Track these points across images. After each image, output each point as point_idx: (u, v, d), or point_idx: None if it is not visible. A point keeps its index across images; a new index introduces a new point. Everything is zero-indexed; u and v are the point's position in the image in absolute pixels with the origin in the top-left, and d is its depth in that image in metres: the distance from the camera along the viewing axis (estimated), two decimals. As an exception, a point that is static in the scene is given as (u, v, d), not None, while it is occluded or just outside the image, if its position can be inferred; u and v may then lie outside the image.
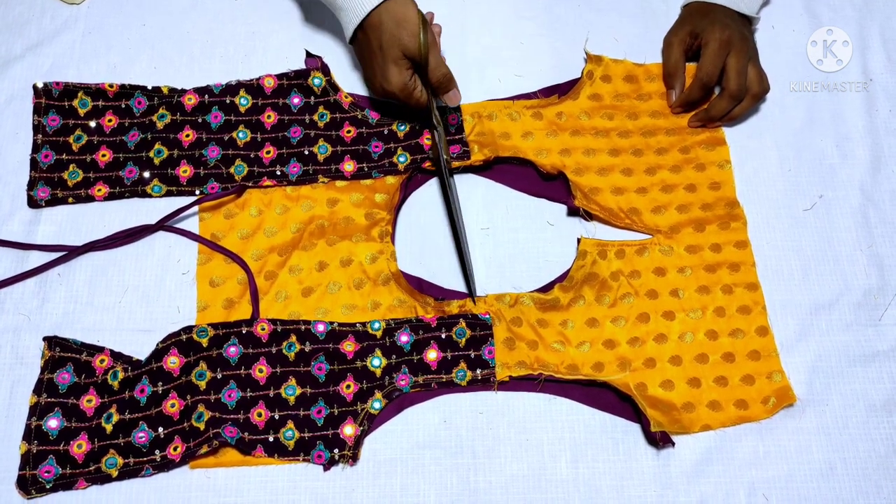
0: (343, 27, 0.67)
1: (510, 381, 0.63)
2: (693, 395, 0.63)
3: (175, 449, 0.59)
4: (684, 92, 0.72)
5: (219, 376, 0.61)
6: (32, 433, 0.59)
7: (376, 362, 0.63)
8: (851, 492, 0.60)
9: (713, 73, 0.70)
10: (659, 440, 0.60)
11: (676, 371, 0.63)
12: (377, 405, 0.61)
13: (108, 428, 0.60)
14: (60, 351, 0.62)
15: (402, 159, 0.70)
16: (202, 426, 0.59)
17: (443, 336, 0.64)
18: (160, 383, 0.61)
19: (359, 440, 0.60)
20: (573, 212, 0.69)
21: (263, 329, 0.63)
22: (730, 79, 0.70)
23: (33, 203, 0.68)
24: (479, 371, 0.63)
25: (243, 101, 0.71)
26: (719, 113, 0.71)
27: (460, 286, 0.67)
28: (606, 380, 0.62)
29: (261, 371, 0.62)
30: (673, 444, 0.60)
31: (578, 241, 0.67)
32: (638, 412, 0.61)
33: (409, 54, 0.64)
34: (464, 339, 0.64)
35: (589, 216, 0.69)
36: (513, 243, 0.68)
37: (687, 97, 0.72)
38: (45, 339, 0.62)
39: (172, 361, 0.61)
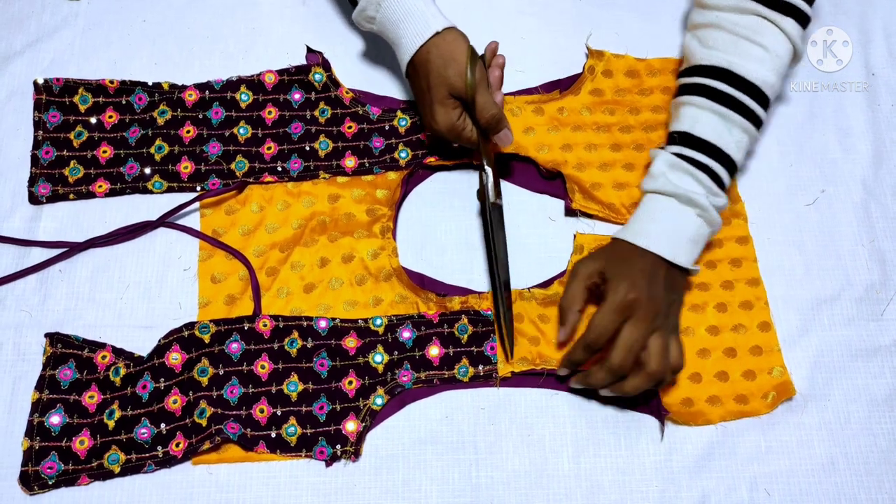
0: (399, 63, 0.66)
1: (512, 377, 0.63)
2: (693, 391, 0.63)
3: (177, 445, 0.59)
4: (568, 352, 0.61)
5: (221, 372, 0.61)
6: (35, 429, 0.59)
7: (378, 358, 0.63)
8: (853, 486, 0.60)
9: (601, 337, 0.58)
10: (664, 422, 0.61)
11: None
12: (379, 401, 0.61)
13: (111, 424, 0.60)
14: (62, 347, 0.62)
15: (403, 155, 0.70)
16: (204, 422, 0.59)
17: (445, 332, 0.64)
18: (162, 379, 0.61)
19: (361, 436, 0.60)
20: (571, 213, 0.69)
21: (265, 325, 0.63)
22: (615, 350, 0.57)
23: (34, 199, 0.68)
24: (481, 367, 0.63)
25: (244, 96, 0.71)
26: (596, 383, 0.58)
27: (462, 282, 0.67)
28: None
29: (263, 367, 0.62)
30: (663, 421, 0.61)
31: (574, 237, 0.67)
32: (635, 402, 0.62)
33: (455, 93, 0.62)
34: (466, 336, 0.64)
35: (587, 217, 0.69)
36: (514, 239, 0.68)
37: (570, 356, 0.60)
38: (46, 335, 0.62)
39: (174, 357, 0.61)
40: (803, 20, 0.64)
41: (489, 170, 0.64)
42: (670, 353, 0.58)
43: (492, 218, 0.63)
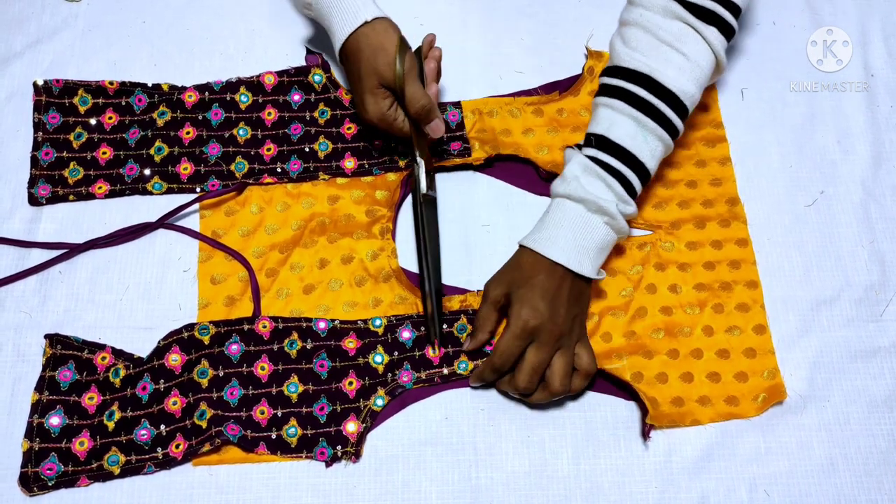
0: (334, 50, 0.66)
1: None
2: (684, 390, 0.63)
3: (177, 447, 0.59)
4: (478, 370, 0.61)
5: (221, 374, 0.61)
6: (34, 431, 0.59)
7: (378, 359, 0.63)
8: (853, 488, 0.60)
9: (507, 362, 0.59)
10: (647, 433, 0.60)
11: (673, 364, 0.63)
12: (380, 402, 0.61)
13: (110, 425, 0.60)
14: (62, 348, 0.62)
15: (402, 156, 0.70)
16: (204, 424, 0.59)
17: (444, 331, 0.64)
18: (162, 381, 0.61)
19: (361, 437, 0.60)
20: None
21: (265, 327, 0.63)
22: (520, 373, 0.59)
23: (34, 201, 0.68)
24: (479, 361, 0.63)
25: (244, 98, 0.71)
26: (506, 389, 0.61)
27: (461, 282, 0.67)
28: (605, 369, 0.62)
29: (263, 369, 0.62)
30: (650, 435, 0.61)
31: None
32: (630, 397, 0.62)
33: (385, 83, 0.62)
34: (465, 334, 0.64)
35: None
36: (513, 240, 0.68)
37: (480, 375, 0.61)
38: (46, 336, 0.62)
39: (174, 359, 0.61)
40: (727, 31, 0.64)
41: (421, 161, 0.65)
42: (580, 362, 0.60)
43: (422, 210, 0.64)
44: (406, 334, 0.64)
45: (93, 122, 0.70)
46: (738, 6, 0.64)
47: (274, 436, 0.60)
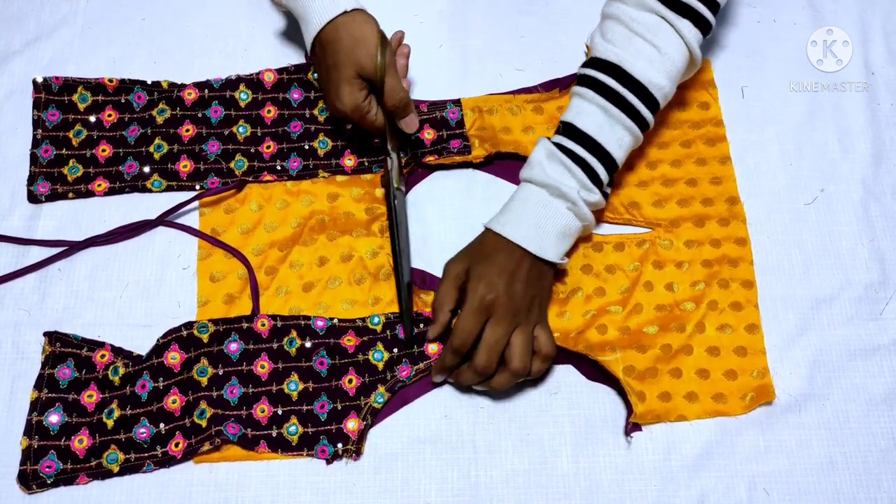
0: (304, 39, 0.65)
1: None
2: (672, 385, 0.62)
3: (176, 445, 0.59)
4: (439, 358, 0.61)
5: (220, 372, 0.61)
6: (33, 428, 0.59)
7: (378, 356, 0.63)
8: (852, 486, 0.60)
9: (465, 341, 0.58)
10: (629, 431, 0.60)
11: (664, 358, 0.63)
12: (380, 399, 0.61)
13: (110, 423, 0.60)
14: (61, 346, 0.62)
15: (402, 154, 0.70)
16: (204, 423, 0.59)
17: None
18: (161, 379, 0.61)
19: (362, 434, 0.60)
20: None
21: (264, 325, 0.63)
22: (478, 351, 0.58)
23: (33, 198, 0.68)
24: None
25: (243, 95, 0.71)
26: (465, 382, 0.60)
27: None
28: (598, 360, 0.62)
29: (262, 367, 0.62)
30: (640, 428, 0.61)
31: None
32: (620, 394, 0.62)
33: (364, 74, 0.62)
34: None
35: None
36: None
37: (441, 362, 0.60)
38: (45, 334, 0.62)
39: (173, 357, 0.61)
40: (702, 25, 0.63)
41: (394, 155, 0.65)
42: (539, 344, 0.59)
43: (395, 204, 0.64)
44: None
45: (92, 119, 0.70)
46: (715, 1, 0.64)
47: (275, 434, 0.60)
